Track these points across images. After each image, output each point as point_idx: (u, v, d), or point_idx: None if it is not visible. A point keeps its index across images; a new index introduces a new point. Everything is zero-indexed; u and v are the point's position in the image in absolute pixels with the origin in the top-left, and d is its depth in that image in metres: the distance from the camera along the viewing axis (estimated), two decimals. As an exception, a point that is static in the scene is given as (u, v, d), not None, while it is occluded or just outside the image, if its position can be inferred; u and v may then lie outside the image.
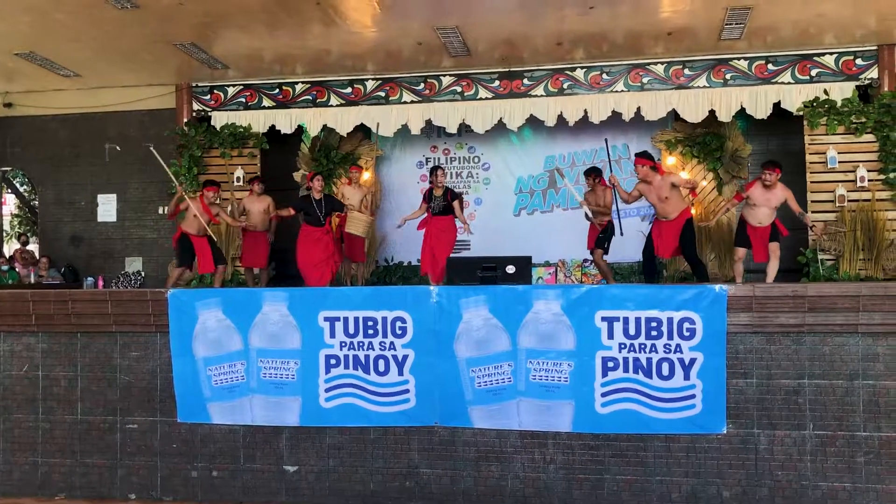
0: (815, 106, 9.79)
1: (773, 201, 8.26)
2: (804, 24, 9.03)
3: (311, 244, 9.37)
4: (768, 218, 8.36)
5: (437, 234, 9.18)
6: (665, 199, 8.33)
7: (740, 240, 8.61)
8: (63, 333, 7.07)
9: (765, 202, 8.28)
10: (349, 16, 8.76)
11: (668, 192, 8.30)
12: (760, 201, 8.29)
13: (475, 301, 6.29)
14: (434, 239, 9.20)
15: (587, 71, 10.40)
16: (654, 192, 8.38)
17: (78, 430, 7.00)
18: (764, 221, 8.36)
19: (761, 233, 8.41)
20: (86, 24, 8.91)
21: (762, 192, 8.28)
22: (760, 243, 8.45)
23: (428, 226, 9.27)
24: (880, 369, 5.89)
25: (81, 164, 11.80)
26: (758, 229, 8.41)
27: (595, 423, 6.15)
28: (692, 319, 6.00)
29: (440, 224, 9.18)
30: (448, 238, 9.21)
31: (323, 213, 9.32)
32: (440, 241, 9.15)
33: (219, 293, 6.92)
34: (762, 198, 8.28)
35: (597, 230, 9.20)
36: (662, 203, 8.37)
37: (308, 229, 9.41)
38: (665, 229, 8.44)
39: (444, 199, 9.09)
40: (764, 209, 8.31)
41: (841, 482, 5.90)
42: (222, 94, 11.35)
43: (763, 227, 8.38)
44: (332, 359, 6.50)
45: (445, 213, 9.12)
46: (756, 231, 8.43)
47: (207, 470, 6.77)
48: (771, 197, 8.26)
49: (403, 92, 10.87)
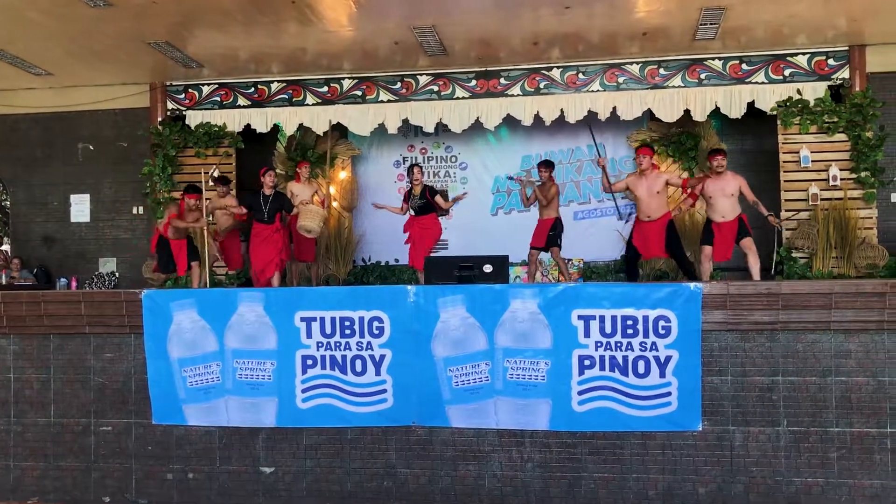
0: (789, 105, 9.89)
1: (728, 189, 8.16)
2: (777, 24, 9.13)
3: (258, 243, 9.11)
4: (731, 212, 8.20)
5: (420, 233, 9.17)
6: (655, 194, 8.32)
7: (706, 238, 8.43)
8: (35, 335, 6.98)
9: (719, 192, 8.18)
10: (325, 15, 8.73)
11: (661, 188, 8.31)
12: (714, 192, 8.21)
13: (452, 300, 6.29)
14: (418, 238, 9.19)
15: (563, 71, 10.44)
16: (646, 185, 8.35)
17: (51, 432, 6.91)
18: (728, 216, 8.20)
19: (726, 228, 8.23)
20: (58, 23, 8.80)
21: (714, 182, 8.22)
22: (723, 240, 8.27)
23: (412, 228, 9.27)
24: (852, 366, 5.97)
25: (54, 164, 11.66)
26: (722, 225, 8.25)
27: (572, 421, 6.17)
28: (668, 317, 6.04)
29: (422, 222, 9.18)
30: (431, 234, 9.20)
31: (268, 210, 9.00)
32: (423, 239, 9.14)
33: (193, 294, 6.86)
34: (715, 187, 8.20)
35: (546, 228, 9.14)
36: (650, 198, 8.35)
37: (256, 227, 9.14)
38: (648, 231, 8.47)
39: (421, 198, 9.06)
40: (721, 200, 8.18)
41: (814, 478, 5.97)
42: (197, 93, 11.26)
43: (727, 221, 8.21)
44: (309, 359, 6.47)
45: (426, 212, 9.11)
46: (720, 227, 8.26)
47: (183, 472, 6.71)
48: (724, 185, 8.17)
49: (380, 91, 10.85)
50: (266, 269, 9.02)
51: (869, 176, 9.65)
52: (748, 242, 8.21)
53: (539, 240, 9.24)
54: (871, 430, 5.93)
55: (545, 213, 9.21)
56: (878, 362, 5.95)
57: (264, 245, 9.05)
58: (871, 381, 5.95)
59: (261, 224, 9.11)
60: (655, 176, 8.39)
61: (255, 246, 9.14)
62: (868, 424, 5.93)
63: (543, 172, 9.27)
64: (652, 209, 8.39)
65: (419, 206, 9.05)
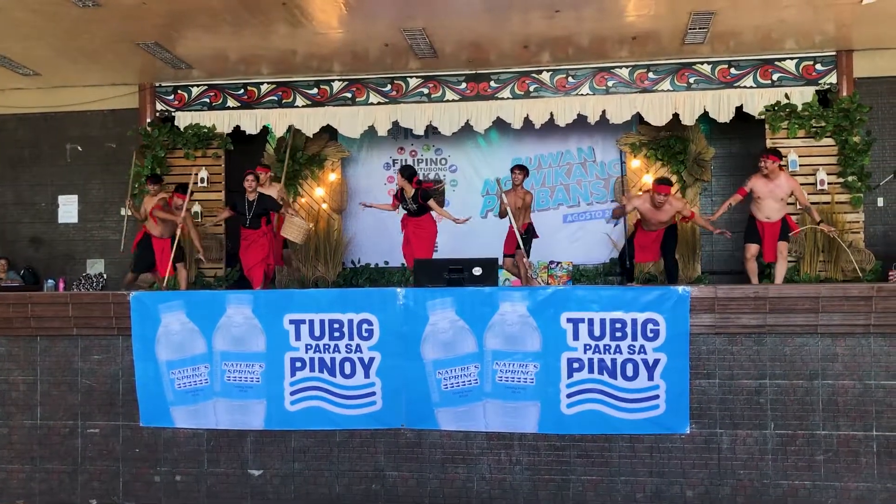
0: (777, 110, 9.94)
1: (779, 192, 8.08)
2: (766, 29, 9.17)
3: (245, 248, 9.01)
4: (777, 212, 8.12)
5: (414, 233, 9.09)
6: (663, 222, 8.48)
7: (750, 235, 8.31)
8: (22, 337, 6.95)
9: (769, 194, 8.11)
10: (315, 16, 8.71)
11: (669, 217, 8.42)
12: (764, 193, 8.14)
13: (442, 303, 6.30)
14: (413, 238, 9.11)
15: (553, 74, 10.46)
16: (658, 215, 8.42)
17: (37, 435, 6.88)
18: (773, 216, 8.12)
19: (770, 229, 8.16)
20: (46, 23, 8.75)
21: (765, 183, 8.14)
22: (771, 240, 8.19)
23: (406, 228, 9.21)
24: (839, 369, 6.01)
25: (42, 165, 11.58)
26: (766, 225, 8.19)
27: (560, 423, 6.20)
28: (656, 321, 6.07)
29: (416, 223, 9.11)
30: (425, 235, 9.04)
31: (251, 214, 8.88)
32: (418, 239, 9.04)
33: (182, 295, 6.84)
34: (765, 189, 8.13)
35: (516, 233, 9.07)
36: (659, 221, 8.47)
37: (243, 232, 9.05)
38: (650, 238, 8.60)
39: (415, 201, 8.95)
40: (769, 202, 8.13)
41: (801, 480, 6.01)
42: (186, 94, 11.22)
43: (772, 222, 8.15)
44: (298, 361, 6.47)
45: (420, 214, 9.02)
46: (765, 227, 8.20)
47: (171, 475, 6.69)
48: (775, 188, 8.10)
49: (370, 93, 10.84)
50: (252, 275, 8.96)
51: (856, 180, 9.71)
52: (782, 246, 8.19)
53: (511, 247, 9.20)
54: (857, 432, 5.98)
55: (525, 217, 9.17)
56: (865, 365, 6.00)
57: (251, 249, 8.98)
58: (858, 385, 6.00)
59: (243, 229, 9.02)
60: (668, 207, 8.35)
61: (242, 250, 9.10)
62: (854, 427, 5.98)
63: (517, 175, 9.17)
64: (659, 227, 8.54)
65: (413, 209, 8.96)
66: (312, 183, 11.48)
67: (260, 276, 8.92)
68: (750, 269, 8.39)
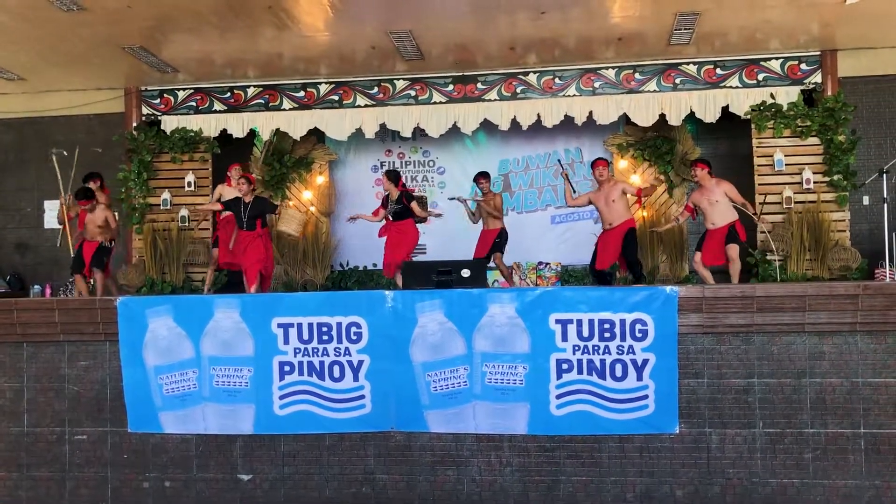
0: (762, 110, 9.99)
1: (712, 197, 8.33)
2: (751, 29, 9.22)
3: (241, 251, 8.95)
4: (721, 218, 8.32)
5: (396, 238, 9.10)
6: (612, 203, 8.47)
7: (698, 244, 8.63)
8: (8, 343, 6.91)
9: (706, 202, 8.37)
10: (301, 19, 8.70)
11: (617, 196, 8.44)
12: (702, 203, 8.42)
13: (430, 305, 6.30)
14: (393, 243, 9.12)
15: (540, 75, 10.47)
16: (603, 195, 8.52)
17: (24, 442, 6.83)
18: (717, 222, 8.35)
19: (716, 235, 8.36)
20: (30, 27, 8.70)
21: (700, 193, 8.46)
22: (713, 244, 8.39)
23: (388, 232, 9.20)
24: (826, 367, 6.04)
25: (27, 170, 11.51)
26: (713, 232, 8.40)
27: (550, 424, 6.20)
28: (644, 321, 6.09)
29: (398, 227, 9.10)
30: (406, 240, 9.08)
31: (246, 216, 8.83)
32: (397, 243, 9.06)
33: (169, 300, 6.82)
34: (701, 198, 8.42)
35: (490, 237, 9.13)
36: (608, 207, 8.51)
37: (238, 234, 9.01)
38: (608, 238, 8.61)
39: (398, 203, 8.95)
40: (708, 209, 8.37)
41: (790, 478, 6.03)
42: (172, 97, 11.18)
43: (717, 228, 8.35)
44: (286, 365, 6.45)
45: (403, 217, 9.01)
46: (711, 234, 8.42)
47: (160, 480, 6.66)
48: (708, 194, 8.36)
49: (357, 96, 10.83)
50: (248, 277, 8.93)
51: (841, 179, 9.76)
52: (731, 249, 8.31)
53: (482, 251, 9.20)
54: (845, 430, 6.01)
55: (491, 223, 9.21)
56: (852, 363, 6.03)
57: (247, 251, 8.95)
58: (845, 383, 6.03)
59: (240, 231, 8.98)
60: (611, 186, 8.58)
61: (238, 253, 9.07)
62: (842, 425, 6.01)
63: (483, 183, 9.27)
64: (613, 217, 8.55)
65: (396, 210, 8.94)
66: (300, 186, 11.46)
67: (254, 278, 8.90)
68: (702, 276, 8.51)
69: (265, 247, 9.04)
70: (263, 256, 8.96)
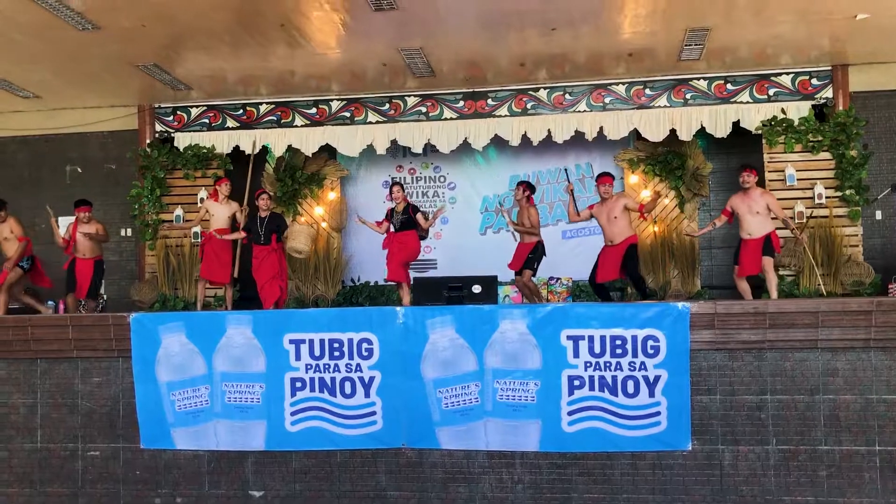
0: (773, 125, 9.98)
1: (754, 206, 8.18)
2: (761, 45, 9.23)
3: (257, 265, 9.11)
4: (759, 229, 8.20)
5: (398, 247, 9.14)
6: (614, 220, 8.40)
7: (736, 256, 8.48)
8: (22, 359, 6.94)
9: (746, 210, 8.22)
10: (313, 37, 8.77)
11: (619, 213, 8.39)
12: (742, 210, 8.26)
13: (441, 321, 6.29)
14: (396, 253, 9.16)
15: (550, 91, 10.51)
16: (606, 211, 8.46)
17: (37, 458, 6.86)
18: (754, 233, 8.21)
19: (752, 246, 8.25)
20: (45, 46, 8.80)
21: (741, 199, 8.28)
22: (748, 256, 8.26)
23: (391, 244, 9.24)
24: (840, 384, 6.00)
25: (42, 186, 11.61)
26: (748, 242, 8.28)
27: (562, 441, 6.17)
28: (656, 337, 6.06)
29: (401, 238, 9.15)
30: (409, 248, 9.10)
31: (264, 231, 9.04)
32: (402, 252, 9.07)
33: (182, 317, 6.84)
34: (742, 205, 8.25)
35: (526, 250, 8.98)
36: (610, 224, 8.44)
37: (254, 249, 9.17)
38: (608, 254, 8.52)
39: (404, 213, 9.01)
40: (747, 217, 8.23)
41: (804, 496, 5.98)
42: (185, 115, 11.27)
43: (753, 238, 8.23)
44: (298, 382, 6.46)
45: (406, 228, 9.04)
46: (747, 244, 8.30)
47: (171, 497, 6.66)
48: (751, 202, 8.21)
49: (368, 112, 10.89)
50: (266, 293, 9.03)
51: (854, 194, 9.73)
52: (766, 262, 8.22)
53: (516, 264, 9.09)
54: (859, 447, 5.96)
55: (526, 237, 9.03)
56: (866, 380, 5.99)
57: (262, 266, 9.10)
58: (859, 399, 5.99)
59: (255, 245, 9.14)
60: (614, 201, 8.48)
61: (253, 268, 9.18)
62: (857, 442, 5.96)
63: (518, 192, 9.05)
64: (614, 234, 8.45)
65: (401, 221, 8.99)
66: (312, 202, 11.50)
67: (272, 293, 8.98)
68: (741, 289, 8.44)
69: (280, 262, 9.16)
70: (278, 271, 9.09)
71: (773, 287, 8.29)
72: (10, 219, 9.23)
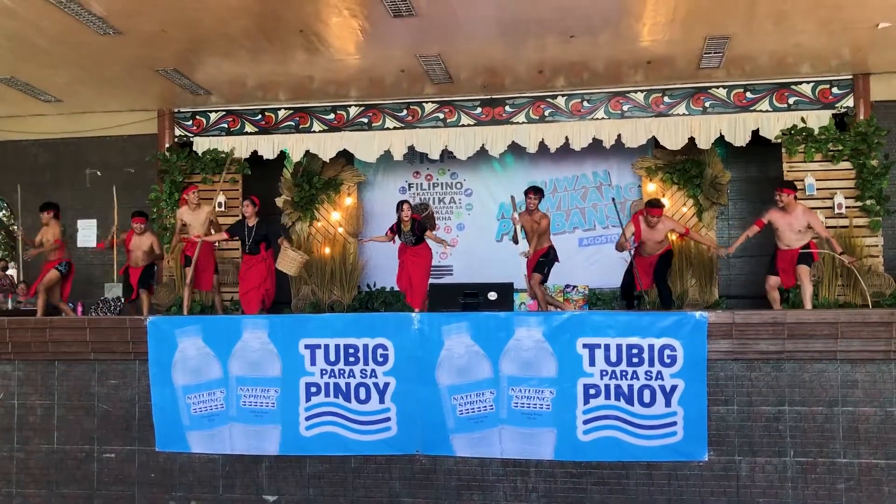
0: (793, 134, 9.91)
1: (796, 224, 8.10)
2: (781, 53, 9.17)
3: (244, 272, 9.15)
4: (797, 241, 8.14)
5: (411, 261, 9.18)
6: (657, 244, 8.64)
7: (771, 266, 8.41)
8: (40, 361, 6.99)
9: (786, 226, 8.15)
10: (332, 43, 8.80)
11: (663, 237, 8.61)
12: (782, 225, 8.19)
13: (457, 328, 6.28)
14: (410, 266, 9.21)
15: (568, 98, 10.49)
16: (652, 237, 8.62)
17: (54, 459, 6.90)
18: (793, 245, 8.17)
19: (788, 255, 8.21)
20: (67, 50, 8.89)
21: (781, 216, 8.19)
22: (788, 265, 8.22)
23: (403, 255, 9.29)
24: (859, 396, 5.93)
25: (62, 189, 11.70)
26: (786, 252, 8.23)
27: (577, 450, 6.14)
28: (673, 346, 6.02)
29: (414, 250, 9.19)
30: (422, 263, 9.18)
31: (250, 240, 9.02)
32: (416, 267, 9.14)
33: (198, 321, 6.87)
34: (782, 221, 8.18)
35: (536, 257, 8.93)
36: (656, 245, 8.65)
37: (243, 257, 9.22)
38: (646, 263, 8.72)
39: (412, 234, 9.11)
40: (787, 233, 8.17)
41: (822, 509, 5.91)
42: (204, 119, 11.34)
43: (791, 249, 8.18)
44: (313, 386, 6.46)
45: (418, 243, 9.15)
46: (784, 254, 8.25)
47: (186, 500, 6.68)
48: (792, 220, 8.12)
49: (386, 118, 10.92)
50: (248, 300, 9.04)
51: (874, 204, 9.64)
52: (802, 270, 8.17)
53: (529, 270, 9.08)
54: (879, 461, 5.88)
55: (541, 242, 9.01)
56: (886, 392, 5.92)
57: (248, 274, 9.12)
58: (879, 412, 5.91)
59: (244, 254, 9.18)
60: (662, 227, 8.63)
61: (241, 275, 9.23)
62: (876, 455, 5.89)
63: (531, 199, 8.93)
64: (655, 250, 8.74)
65: (411, 241, 9.14)
66: (329, 207, 11.53)
67: (255, 301, 8.98)
68: (771, 298, 8.45)
69: (268, 271, 9.13)
70: (264, 280, 9.06)
71: (807, 297, 8.25)
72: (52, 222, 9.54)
